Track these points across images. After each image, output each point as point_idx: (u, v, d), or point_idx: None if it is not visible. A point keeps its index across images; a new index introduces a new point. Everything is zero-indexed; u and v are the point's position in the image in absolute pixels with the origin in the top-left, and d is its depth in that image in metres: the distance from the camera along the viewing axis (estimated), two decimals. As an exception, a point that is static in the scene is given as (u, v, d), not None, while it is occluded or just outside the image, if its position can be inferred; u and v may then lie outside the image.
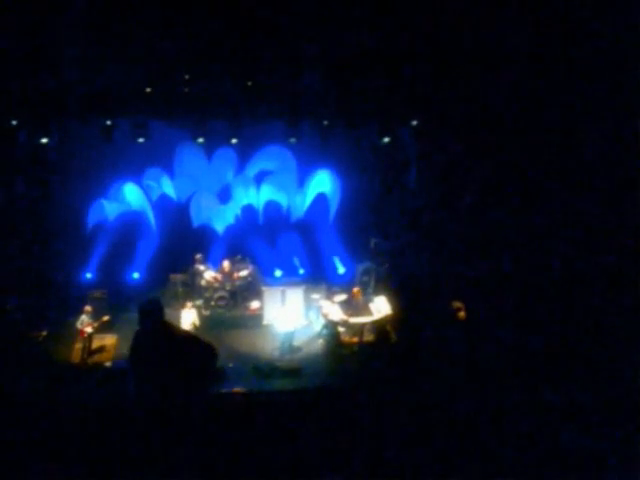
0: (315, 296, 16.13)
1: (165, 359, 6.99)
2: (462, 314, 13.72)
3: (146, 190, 18.92)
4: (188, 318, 14.60)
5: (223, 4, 13.23)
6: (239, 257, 17.62)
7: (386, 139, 17.69)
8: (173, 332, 7.28)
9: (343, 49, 14.80)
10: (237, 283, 17.07)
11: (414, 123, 17.28)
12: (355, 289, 15.62)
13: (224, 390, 7.40)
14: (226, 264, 17.20)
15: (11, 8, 12.81)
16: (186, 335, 7.21)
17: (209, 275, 16.94)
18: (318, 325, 15.40)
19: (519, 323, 12.43)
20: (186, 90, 15.79)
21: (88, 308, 14.39)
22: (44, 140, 16.35)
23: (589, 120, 12.74)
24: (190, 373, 7.08)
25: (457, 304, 13.89)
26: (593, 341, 10.60)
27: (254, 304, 16.61)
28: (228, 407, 7.53)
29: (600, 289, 11.80)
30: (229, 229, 19.20)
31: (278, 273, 18.30)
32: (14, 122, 15.86)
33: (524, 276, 13.91)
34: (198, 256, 17.31)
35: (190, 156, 18.87)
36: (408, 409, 8.24)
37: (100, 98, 15.72)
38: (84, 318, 14.15)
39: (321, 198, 19.46)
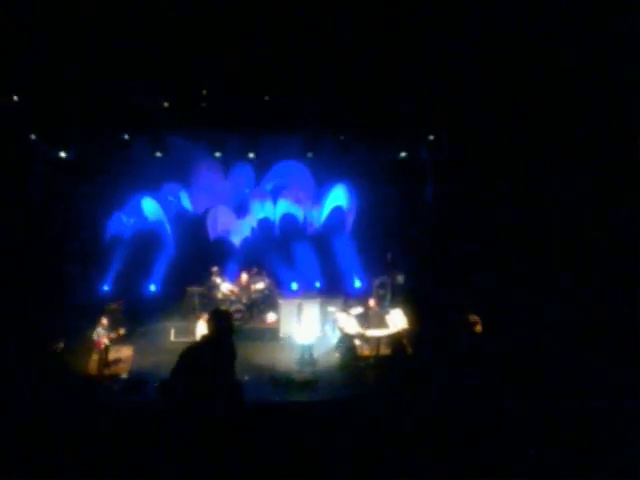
0: (331, 309, 16.07)
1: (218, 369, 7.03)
2: (479, 328, 13.64)
3: (164, 204, 18.99)
4: (203, 330, 14.62)
5: (240, 19, 13.34)
6: (255, 270, 17.64)
7: (403, 154, 17.72)
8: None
9: (360, 64, 14.85)
10: (253, 296, 17.09)
11: (431, 138, 17.28)
12: (372, 301, 15.58)
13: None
14: (243, 277, 17.23)
15: (32, 23, 12.99)
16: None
17: (226, 288, 16.96)
18: (334, 338, 15.36)
19: (534, 338, 12.39)
20: (204, 105, 15.88)
21: (104, 320, 14.41)
22: (62, 154, 16.47)
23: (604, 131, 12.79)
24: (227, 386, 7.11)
25: (474, 318, 13.81)
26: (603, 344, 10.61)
27: (270, 317, 16.60)
28: (245, 419, 7.54)
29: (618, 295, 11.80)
30: (245, 242, 19.27)
31: (294, 286, 18.29)
32: (33, 136, 15.99)
33: (541, 289, 13.88)
34: (215, 269, 17.33)
35: (207, 171, 18.94)
36: (423, 422, 8.25)
37: (118, 113, 15.82)
38: (100, 330, 14.18)
39: (337, 211, 19.48)
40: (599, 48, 12.15)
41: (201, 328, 14.50)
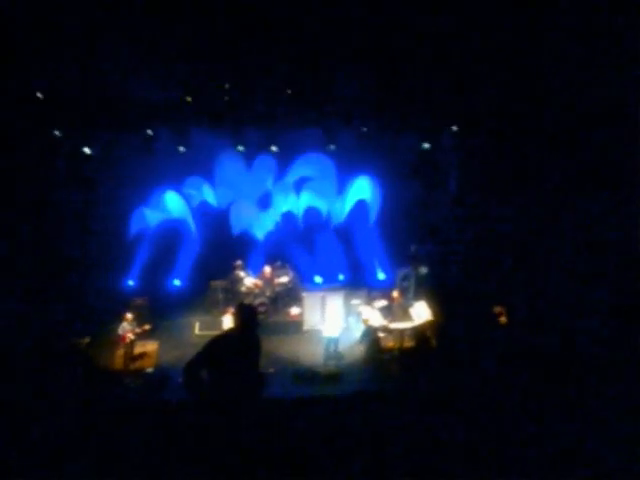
0: (355, 302, 16.03)
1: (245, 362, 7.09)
2: (503, 319, 13.60)
3: (187, 198, 19.03)
4: (229, 323, 14.64)
5: (263, 15, 13.35)
6: (279, 263, 17.63)
7: (426, 145, 17.63)
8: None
9: (381, 55, 14.80)
10: (277, 289, 17.09)
11: (454, 128, 17.20)
12: (395, 292, 15.50)
13: (265, 396, 7.40)
14: (266, 270, 17.23)
15: (55, 23, 13.08)
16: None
17: (249, 281, 16.96)
18: (358, 331, 15.33)
19: (561, 327, 12.31)
20: (226, 98, 15.90)
21: (129, 315, 14.47)
22: (87, 150, 16.55)
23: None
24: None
25: (498, 309, 13.77)
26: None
27: (294, 310, 16.59)
28: (269, 412, 7.56)
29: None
30: (269, 235, 19.23)
31: (318, 279, 18.26)
32: (57, 133, 16.08)
33: (567, 281, 13.80)
34: (238, 263, 17.34)
35: (230, 164, 18.90)
36: (446, 414, 8.23)
37: (141, 108, 15.90)
38: (125, 325, 14.26)
39: (361, 204, 19.39)
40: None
41: (227, 322, 14.55)
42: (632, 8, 11.58)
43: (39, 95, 14.96)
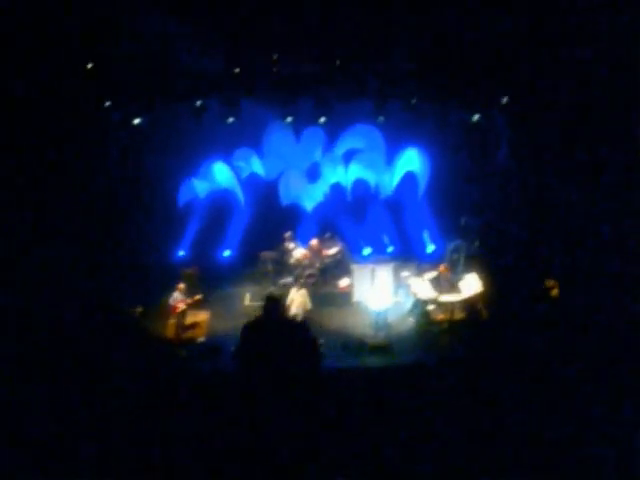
0: (404, 274, 15.97)
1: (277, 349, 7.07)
2: (555, 292, 13.48)
3: (235, 169, 19.08)
4: (298, 299, 14.72)
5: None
6: (328, 235, 17.61)
7: (476, 117, 17.46)
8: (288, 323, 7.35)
9: (432, 26, 14.68)
10: (326, 261, 17.11)
11: (504, 100, 17.00)
12: (442, 266, 15.46)
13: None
14: (315, 242, 17.25)
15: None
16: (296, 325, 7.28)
17: (299, 253, 16.97)
18: (408, 303, 15.31)
19: (614, 299, 12.13)
20: (275, 70, 15.88)
21: (181, 285, 14.67)
22: (137, 121, 16.65)
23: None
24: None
25: (550, 282, 13.65)
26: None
27: (343, 282, 16.59)
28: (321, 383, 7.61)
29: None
30: (318, 207, 19.20)
31: (367, 251, 18.25)
32: (108, 103, 16.19)
33: (621, 253, 13.59)
34: (287, 234, 17.36)
35: (279, 135, 18.86)
36: (496, 387, 8.22)
37: (190, 79, 15.95)
38: (177, 295, 14.45)
39: (410, 176, 19.23)
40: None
41: (295, 297, 14.79)
42: None
43: (89, 66, 15.05)
